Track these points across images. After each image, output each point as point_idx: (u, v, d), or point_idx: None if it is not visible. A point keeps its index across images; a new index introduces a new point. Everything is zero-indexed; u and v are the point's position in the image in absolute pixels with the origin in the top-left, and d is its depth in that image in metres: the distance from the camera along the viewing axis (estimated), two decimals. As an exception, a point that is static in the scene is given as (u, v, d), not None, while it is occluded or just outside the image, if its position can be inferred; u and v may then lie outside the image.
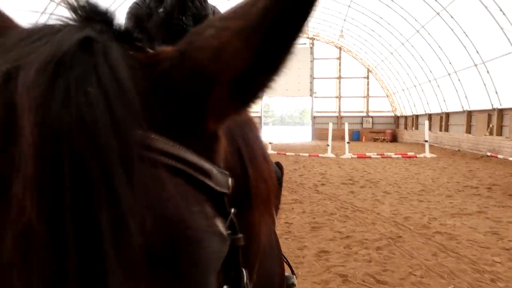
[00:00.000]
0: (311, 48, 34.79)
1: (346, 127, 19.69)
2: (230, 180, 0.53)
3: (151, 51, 0.49)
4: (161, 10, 1.90)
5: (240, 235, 0.55)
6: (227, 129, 0.59)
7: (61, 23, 0.43)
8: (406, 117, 32.12)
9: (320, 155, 18.40)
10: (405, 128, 32.29)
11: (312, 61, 34.68)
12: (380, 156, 17.80)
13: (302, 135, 39.42)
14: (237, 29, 0.43)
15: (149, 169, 0.37)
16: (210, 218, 0.45)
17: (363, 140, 32.74)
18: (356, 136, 32.83)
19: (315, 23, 31.27)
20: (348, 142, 18.53)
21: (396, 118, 34.36)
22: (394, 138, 33.08)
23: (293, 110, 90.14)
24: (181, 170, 0.43)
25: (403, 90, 30.80)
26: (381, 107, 34.84)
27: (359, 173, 12.46)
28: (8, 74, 0.34)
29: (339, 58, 34.92)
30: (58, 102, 0.32)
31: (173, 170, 0.42)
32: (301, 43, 34.79)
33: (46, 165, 0.31)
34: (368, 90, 34.83)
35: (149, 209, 0.36)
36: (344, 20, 28.02)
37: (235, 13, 0.45)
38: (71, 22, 0.43)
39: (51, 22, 0.43)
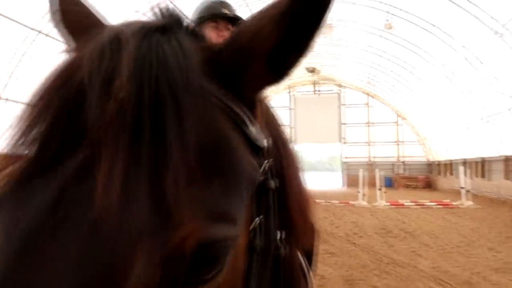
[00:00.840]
0: (338, 94, 35.14)
1: (377, 173, 19.28)
2: (265, 141, 0.65)
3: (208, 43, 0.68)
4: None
5: (272, 182, 0.66)
6: (265, 122, 0.73)
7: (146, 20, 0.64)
8: (440, 163, 31.19)
9: (351, 202, 18.00)
10: (439, 174, 31.27)
11: (339, 107, 34.88)
12: (414, 204, 17.20)
13: (333, 181, 38.81)
14: (271, 16, 0.58)
15: (201, 95, 0.53)
16: (245, 149, 0.58)
17: (396, 186, 31.75)
18: (388, 183, 31.97)
19: (342, 70, 31.82)
20: (379, 189, 18.07)
21: (430, 164, 33.40)
22: (428, 185, 31.99)
23: (323, 156, 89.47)
24: (227, 112, 0.57)
25: (436, 135, 30.21)
26: (413, 153, 34.05)
27: (393, 222, 12.04)
28: (117, 32, 0.55)
29: (368, 104, 34.97)
30: (145, 49, 0.52)
31: (220, 109, 0.56)
32: (329, 90, 35.35)
33: (137, 77, 0.49)
34: (398, 136, 34.38)
35: (200, 117, 0.51)
36: (371, 67, 28.40)
37: (272, 4, 0.60)
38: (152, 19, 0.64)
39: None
